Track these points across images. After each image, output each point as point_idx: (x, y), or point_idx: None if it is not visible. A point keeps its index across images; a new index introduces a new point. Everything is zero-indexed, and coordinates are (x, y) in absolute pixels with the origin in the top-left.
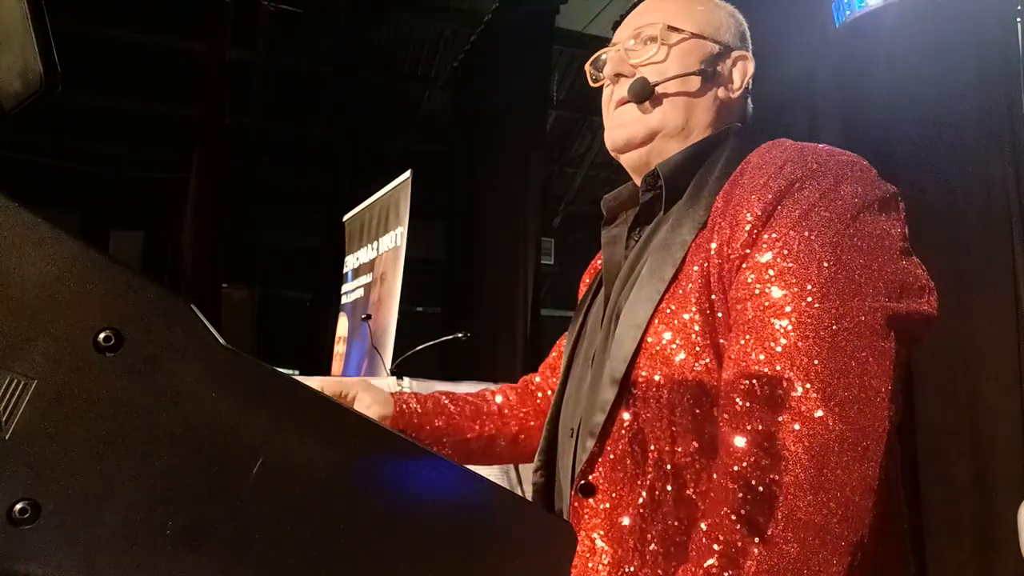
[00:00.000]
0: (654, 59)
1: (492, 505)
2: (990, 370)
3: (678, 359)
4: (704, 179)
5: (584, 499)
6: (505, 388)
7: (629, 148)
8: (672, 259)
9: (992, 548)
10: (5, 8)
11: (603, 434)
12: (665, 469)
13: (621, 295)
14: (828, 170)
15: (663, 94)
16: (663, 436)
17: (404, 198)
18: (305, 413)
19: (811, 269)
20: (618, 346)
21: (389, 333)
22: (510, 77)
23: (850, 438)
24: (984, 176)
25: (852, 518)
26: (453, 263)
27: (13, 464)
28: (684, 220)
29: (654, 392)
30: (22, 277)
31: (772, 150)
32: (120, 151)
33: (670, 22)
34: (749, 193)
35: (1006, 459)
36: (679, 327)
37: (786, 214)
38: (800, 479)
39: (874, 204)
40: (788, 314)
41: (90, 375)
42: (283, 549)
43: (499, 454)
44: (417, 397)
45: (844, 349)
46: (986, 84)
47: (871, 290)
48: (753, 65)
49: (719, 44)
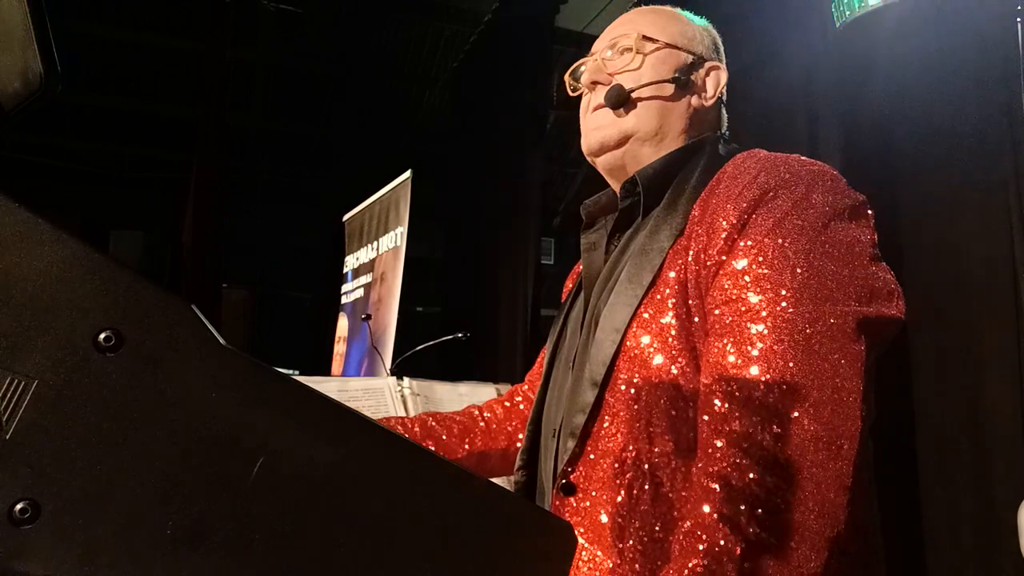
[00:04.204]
0: (629, 67)
1: (492, 505)
2: (990, 370)
3: (656, 362)
4: (681, 187)
5: (565, 498)
6: (491, 403)
7: (604, 151)
8: (651, 265)
9: (992, 548)
10: (5, 8)
11: (583, 435)
12: (643, 469)
13: (600, 299)
14: (800, 179)
15: (638, 99)
16: (641, 437)
17: (404, 198)
18: (305, 413)
19: (785, 275)
20: (598, 349)
21: (389, 333)
22: (510, 77)
23: (824, 437)
24: (984, 176)
25: (828, 515)
26: (453, 263)
27: (13, 464)
28: (662, 227)
29: (632, 394)
30: (22, 277)
31: (747, 160)
32: (120, 151)
33: (645, 32)
34: (725, 202)
35: (1006, 459)
36: (657, 331)
37: (760, 222)
38: (778, 478)
39: (844, 212)
40: (764, 318)
41: (90, 375)
42: (283, 549)
43: (491, 469)
44: (403, 422)
45: (818, 352)
46: (986, 84)
47: (842, 295)
48: (726, 76)
49: (692, 54)
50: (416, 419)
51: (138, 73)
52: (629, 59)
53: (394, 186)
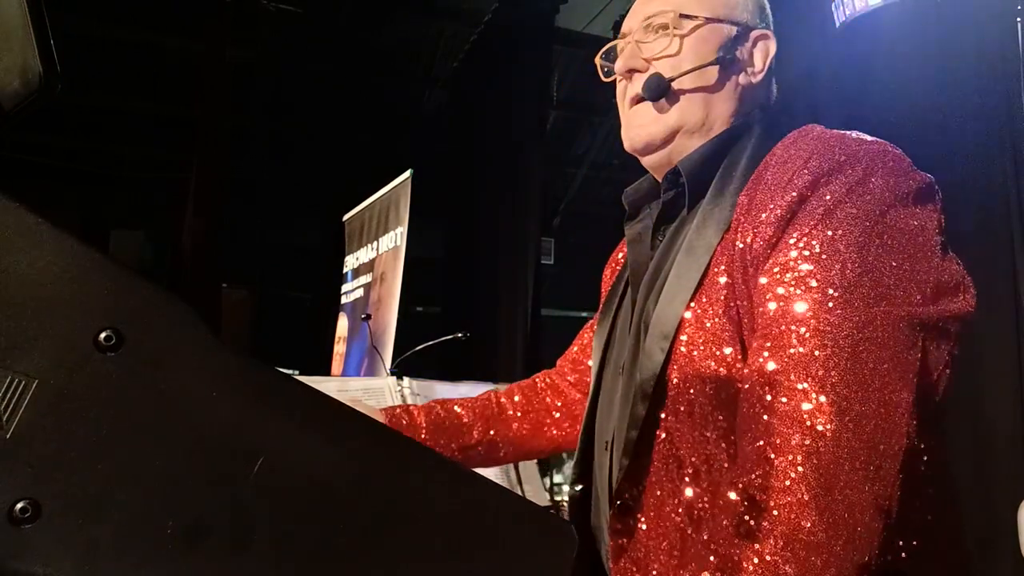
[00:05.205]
0: (667, 52)
1: (492, 505)
2: (990, 370)
3: (707, 369)
4: (728, 175)
5: (623, 517)
6: (513, 388)
7: (649, 151)
8: (698, 264)
9: (992, 548)
10: (5, 8)
11: (637, 451)
12: (702, 487)
13: (648, 301)
14: (857, 161)
15: (680, 90)
16: (697, 452)
17: (404, 198)
18: (305, 413)
19: (833, 272)
20: (647, 358)
21: (389, 333)
22: (510, 77)
23: (863, 456)
24: (984, 176)
25: (858, 539)
26: (453, 263)
27: (14, 463)
28: (709, 221)
29: (685, 405)
30: (23, 277)
31: (798, 142)
32: (120, 151)
33: (681, 9)
34: (773, 191)
35: (1006, 459)
36: (707, 336)
37: (810, 212)
38: (805, 498)
39: (908, 196)
40: (807, 320)
41: (91, 375)
42: (283, 549)
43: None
44: (409, 412)
45: (864, 360)
46: (986, 84)
47: (901, 293)
48: (775, 44)
49: (737, 25)
50: (423, 408)
51: (138, 73)
52: (667, 43)
53: (394, 186)
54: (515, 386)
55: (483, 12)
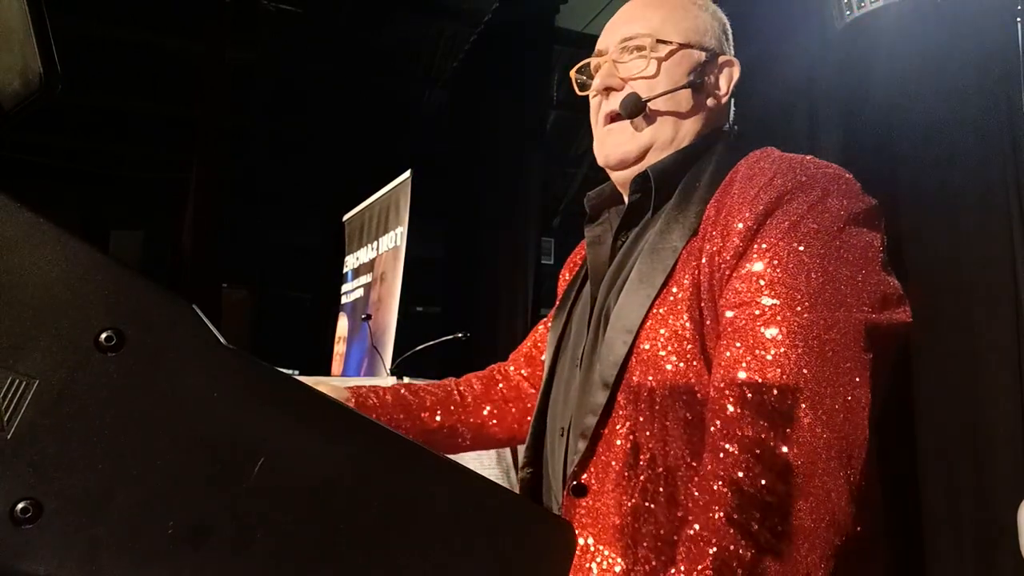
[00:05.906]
0: (644, 73)
1: (492, 504)
2: (990, 370)
3: (669, 365)
4: (692, 184)
5: (576, 499)
6: (470, 377)
7: (623, 166)
8: (663, 265)
9: (992, 548)
10: (5, 8)
11: (595, 436)
12: (658, 471)
13: (609, 297)
14: (816, 183)
15: (655, 111)
16: (655, 440)
17: (404, 198)
18: (305, 413)
19: (800, 280)
20: (608, 350)
21: (389, 333)
22: (510, 77)
23: (836, 445)
24: (984, 176)
25: (838, 523)
26: (453, 263)
27: (15, 463)
28: (674, 226)
29: (646, 397)
30: (23, 277)
31: (761, 161)
32: (120, 151)
33: (658, 34)
34: (740, 203)
35: (1006, 459)
36: (670, 333)
37: (776, 225)
38: (791, 485)
39: (859, 216)
40: (778, 323)
41: (91, 375)
42: (284, 549)
43: (463, 443)
44: (376, 392)
45: (831, 359)
46: (986, 84)
47: (856, 301)
48: (739, 69)
49: (706, 51)
50: (390, 389)
51: (138, 73)
52: (643, 65)
53: (394, 186)
54: (472, 376)
55: (483, 12)
